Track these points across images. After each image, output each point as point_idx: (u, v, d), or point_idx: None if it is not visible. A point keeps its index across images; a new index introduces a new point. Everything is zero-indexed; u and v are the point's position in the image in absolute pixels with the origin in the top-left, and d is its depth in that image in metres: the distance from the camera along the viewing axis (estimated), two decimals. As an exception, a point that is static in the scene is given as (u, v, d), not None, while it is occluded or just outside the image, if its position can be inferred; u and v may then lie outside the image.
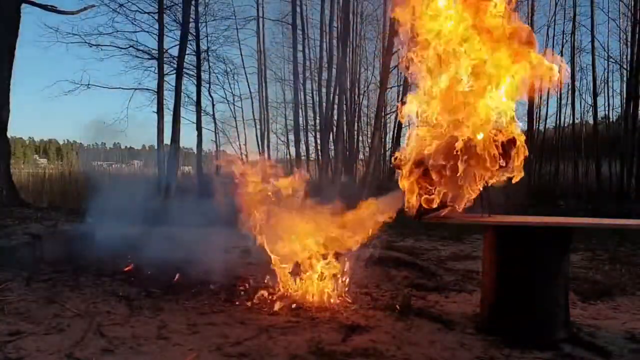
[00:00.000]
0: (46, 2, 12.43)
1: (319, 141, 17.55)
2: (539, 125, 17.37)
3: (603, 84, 16.76)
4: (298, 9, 16.83)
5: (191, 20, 14.69)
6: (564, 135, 17.70)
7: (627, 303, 4.29)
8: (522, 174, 3.31)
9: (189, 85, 16.34)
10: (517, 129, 3.30)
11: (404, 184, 3.35)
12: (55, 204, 12.76)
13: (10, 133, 11.57)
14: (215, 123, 18.29)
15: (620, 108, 16.59)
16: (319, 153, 17.17)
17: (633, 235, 7.62)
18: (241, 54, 17.98)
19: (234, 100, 18.49)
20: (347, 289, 4.11)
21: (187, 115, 16.25)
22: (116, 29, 15.10)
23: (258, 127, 18.30)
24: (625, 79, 15.85)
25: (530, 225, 3.37)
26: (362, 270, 4.77)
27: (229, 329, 3.32)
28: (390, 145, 17.50)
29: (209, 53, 16.94)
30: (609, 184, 15.46)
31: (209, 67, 17.21)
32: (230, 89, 18.38)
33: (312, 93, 17.73)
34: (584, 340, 3.22)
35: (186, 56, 14.65)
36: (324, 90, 17.02)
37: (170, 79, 15.06)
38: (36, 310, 3.59)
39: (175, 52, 14.89)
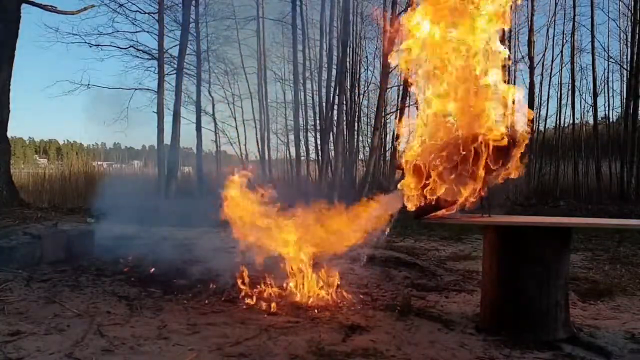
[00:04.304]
0: (46, 2, 12.47)
1: (319, 141, 17.49)
2: (539, 125, 17.35)
3: (603, 84, 16.71)
4: (298, 9, 16.76)
5: (191, 20, 14.69)
6: (564, 135, 17.67)
7: (627, 303, 4.29)
8: (521, 170, 3.31)
9: (189, 85, 16.34)
10: (518, 128, 3.30)
11: (404, 184, 3.36)
12: (55, 204, 12.77)
13: (10, 133, 11.62)
14: (215, 123, 18.25)
15: (620, 108, 16.57)
16: (319, 153, 17.11)
17: (633, 235, 7.62)
18: (241, 54, 17.89)
19: (233, 100, 18.43)
20: (347, 289, 4.10)
21: (187, 115, 16.25)
22: (116, 29, 15.12)
23: (258, 127, 18.21)
24: (625, 79, 15.82)
25: (530, 225, 3.38)
26: (362, 270, 4.77)
27: (229, 329, 3.32)
28: (390, 145, 17.44)
29: (209, 53, 16.93)
30: (609, 184, 15.45)
31: (209, 67, 17.20)
32: (230, 89, 18.34)
33: (312, 93, 17.66)
34: (584, 340, 3.22)
35: (186, 56, 14.66)
36: (324, 90, 16.98)
37: (170, 79, 15.08)
38: (36, 310, 3.59)
39: (175, 52, 14.90)
